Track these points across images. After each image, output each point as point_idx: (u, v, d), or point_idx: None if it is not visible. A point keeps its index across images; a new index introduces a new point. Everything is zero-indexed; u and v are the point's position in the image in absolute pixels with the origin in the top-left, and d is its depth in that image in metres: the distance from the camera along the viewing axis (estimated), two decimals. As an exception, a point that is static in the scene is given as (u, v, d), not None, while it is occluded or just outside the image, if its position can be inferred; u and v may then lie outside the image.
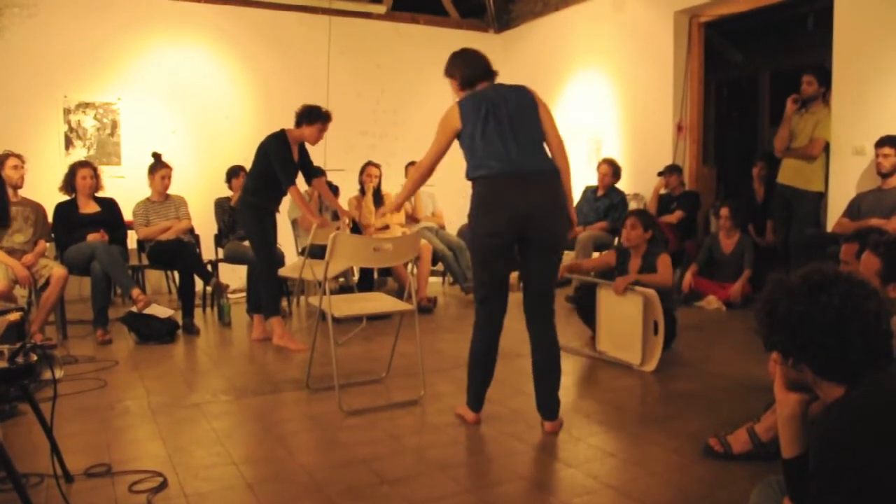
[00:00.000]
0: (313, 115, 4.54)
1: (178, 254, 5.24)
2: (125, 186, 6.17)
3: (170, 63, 6.86)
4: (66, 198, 5.18)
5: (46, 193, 5.20)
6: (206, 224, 5.99)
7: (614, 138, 7.05)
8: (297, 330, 5.00)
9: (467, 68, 3.06)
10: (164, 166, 5.49)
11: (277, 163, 4.47)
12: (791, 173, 5.47)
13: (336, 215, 5.44)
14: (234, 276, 6.04)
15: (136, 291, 4.83)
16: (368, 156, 6.73)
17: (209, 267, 5.57)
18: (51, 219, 5.07)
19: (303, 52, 7.36)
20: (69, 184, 5.16)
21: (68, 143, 6.53)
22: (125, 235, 5.36)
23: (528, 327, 3.02)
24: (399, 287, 6.29)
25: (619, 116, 7.00)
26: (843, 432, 1.39)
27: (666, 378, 3.81)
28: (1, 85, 6.24)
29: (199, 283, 5.40)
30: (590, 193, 6.59)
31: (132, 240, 5.51)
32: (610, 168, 6.42)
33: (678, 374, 3.89)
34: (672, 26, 6.43)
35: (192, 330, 5.04)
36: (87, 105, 6.58)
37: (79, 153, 6.45)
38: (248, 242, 5.15)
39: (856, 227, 4.27)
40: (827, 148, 5.24)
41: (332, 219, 5.45)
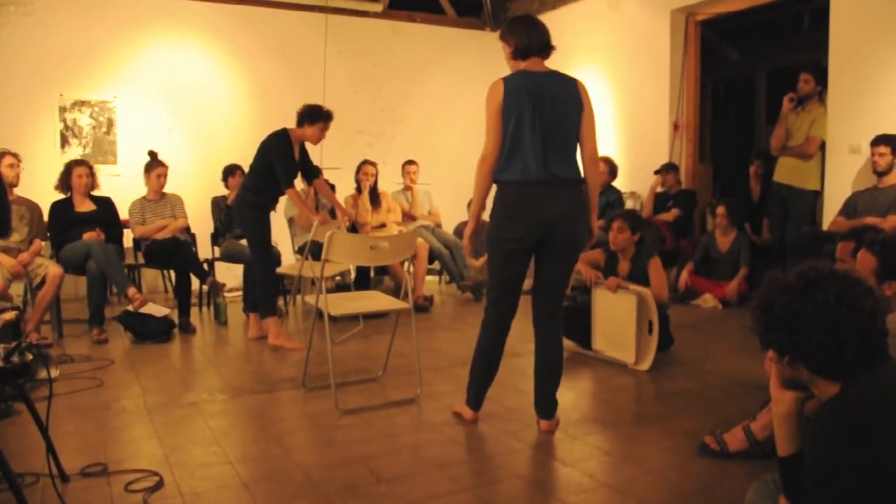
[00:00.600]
0: (315, 115, 4.53)
1: (174, 252, 5.23)
2: (121, 185, 6.16)
3: (166, 61, 6.84)
4: (61, 196, 5.17)
5: (42, 192, 5.19)
6: (202, 223, 5.98)
7: (611, 136, 7.05)
8: (295, 331, 4.99)
9: (525, 37, 2.89)
10: (160, 165, 5.47)
11: (280, 162, 4.45)
12: (787, 172, 5.48)
13: (333, 213, 5.44)
14: (230, 275, 6.04)
15: (132, 290, 4.83)
16: (365, 154, 6.74)
17: (205, 266, 5.56)
18: (46, 217, 5.06)
19: (299, 50, 7.36)
20: (65, 182, 5.14)
21: (64, 142, 6.51)
22: (121, 234, 5.35)
23: (536, 327, 3.00)
24: (395, 285, 6.28)
25: (615, 115, 7.00)
26: (838, 430, 1.40)
27: (662, 377, 3.82)
28: (-3, 83, 6.24)
29: (195, 282, 5.40)
30: (586, 192, 6.58)
31: (128, 238, 5.50)
32: (606, 166, 6.42)
33: (674, 372, 3.90)
34: (668, 25, 6.43)
35: (188, 329, 5.03)
36: (83, 103, 6.56)
37: (74, 151, 6.43)
38: (244, 241, 5.14)
39: (852, 226, 4.29)
40: (823, 146, 5.25)
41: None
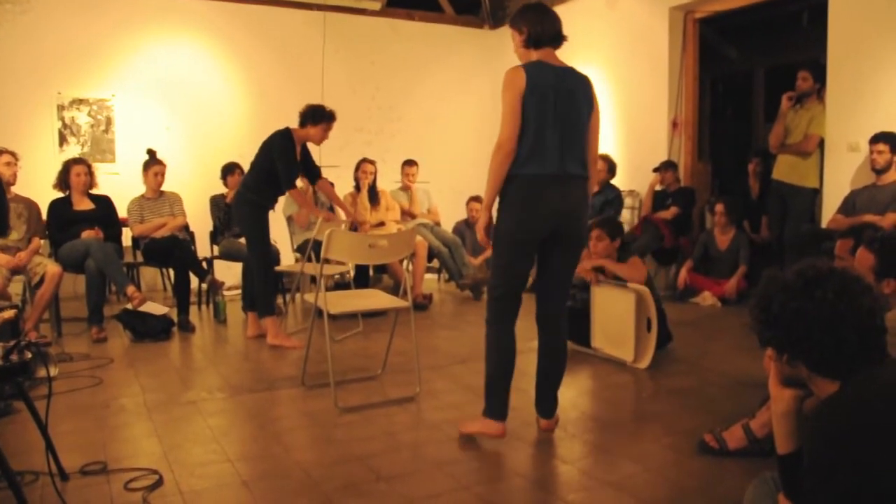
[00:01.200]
0: (318, 115, 4.52)
1: (173, 251, 5.23)
2: (120, 183, 6.15)
3: (164, 59, 6.83)
4: (59, 195, 5.16)
5: (40, 190, 5.18)
6: (201, 221, 5.98)
7: (609, 134, 7.04)
8: (294, 332, 4.99)
9: (538, 25, 2.77)
10: (158, 163, 5.47)
11: (282, 161, 4.44)
12: (786, 169, 5.48)
13: (332, 210, 5.44)
14: (229, 274, 6.04)
15: (131, 289, 4.82)
16: (363, 152, 6.74)
17: (204, 264, 5.56)
18: (45, 216, 5.05)
19: (298, 48, 7.35)
20: (63, 181, 5.13)
21: (62, 140, 6.50)
22: (120, 232, 5.35)
23: (540, 325, 2.91)
24: (395, 284, 6.28)
25: (614, 113, 7.00)
26: (837, 428, 1.40)
27: (661, 375, 3.82)
28: (-6, 81, 6.23)
29: (194, 281, 5.40)
30: (585, 190, 6.58)
31: (127, 237, 5.50)
32: (605, 164, 6.42)
33: (673, 370, 3.90)
34: (667, 22, 6.43)
35: (187, 327, 5.03)
36: (80, 102, 6.55)
37: (73, 150, 6.42)
38: (243, 239, 5.13)
39: (850, 224, 4.29)
40: (822, 144, 5.25)
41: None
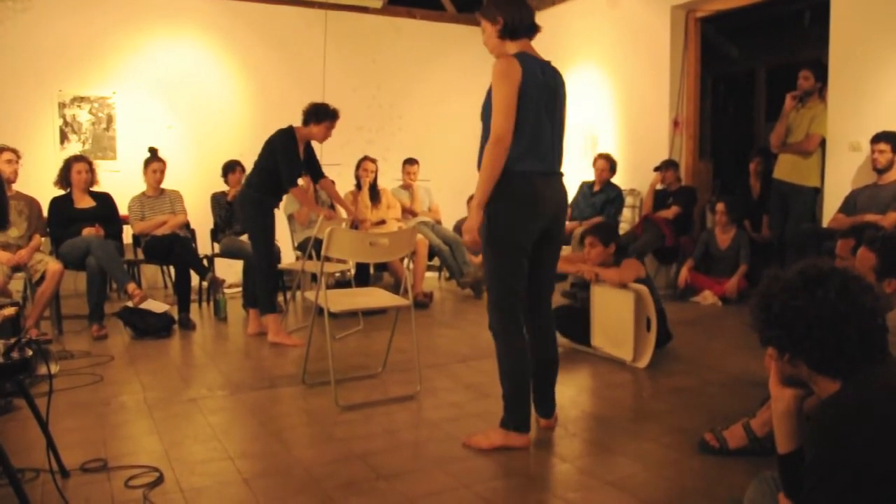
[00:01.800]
0: (322, 114, 4.52)
1: (173, 248, 5.23)
2: (121, 181, 6.14)
3: (165, 58, 6.83)
4: (61, 192, 5.16)
5: (41, 188, 5.18)
6: (202, 219, 5.98)
7: (610, 133, 7.05)
8: (294, 329, 4.99)
9: (516, 14, 2.62)
10: (157, 160, 5.47)
11: (284, 160, 4.43)
12: (787, 169, 5.47)
13: (332, 208, 5.44)
14: (230, 271, 6.04)
15: (131, 286, 4.82)
16: (365, 151, 6.74)
17: (205, 262, 5.56)
18: (46, 213, 5.05)
19: (299, 46, 7.35)
20: (64, 178, 5.14)
21: (63, 138, 6.50)
22: (121, 230, 5.35)
23: (531, 322, 2.83)
24: (395, 282, 6.28)
25: (615, 112, 7.00)
26: (838, 428, 1.40)
27: (662, 373, 3.82)
28: (-5, 79, 6.23)
29: (195, 278, 5.40)
30: (586, 189, 6.59)
31: (128, 234, 5.50)
32: (606, 163, 6.43)
33: (674, 369, 3.90)
34: (668, 21, 6.43)
35: (188, 325, 5.03)
36: (81, 99, 6.55)
37: (74, 147, 6.41)
38: (244, 237, 5.13)
39: (851, 223, 4.28)
40: (823, 143, 5.25)
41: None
